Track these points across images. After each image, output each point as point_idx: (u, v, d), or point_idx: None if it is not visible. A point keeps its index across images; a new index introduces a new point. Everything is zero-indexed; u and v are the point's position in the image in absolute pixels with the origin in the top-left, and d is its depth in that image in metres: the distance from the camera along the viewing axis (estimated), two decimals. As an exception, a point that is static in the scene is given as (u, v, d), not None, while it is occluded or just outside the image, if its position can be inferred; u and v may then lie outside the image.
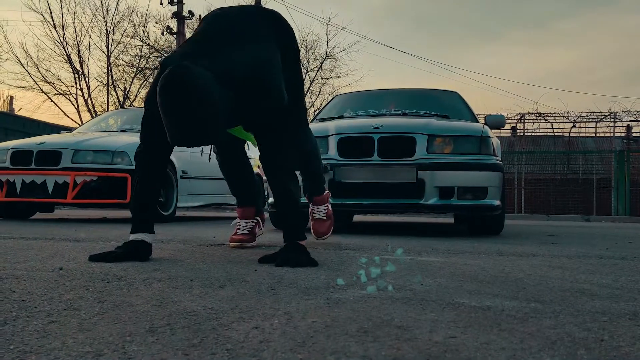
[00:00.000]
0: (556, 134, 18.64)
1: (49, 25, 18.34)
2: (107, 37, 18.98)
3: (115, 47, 19.13)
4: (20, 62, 18.36)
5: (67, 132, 6.70)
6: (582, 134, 19.26)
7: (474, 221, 4.32)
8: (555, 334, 0.96)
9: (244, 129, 2.13)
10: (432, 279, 1.64)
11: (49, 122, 14.72)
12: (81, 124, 18.91)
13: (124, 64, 19.65)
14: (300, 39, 23.07)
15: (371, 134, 3.82)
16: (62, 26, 18.41)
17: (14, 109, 34.57)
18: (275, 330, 0.95)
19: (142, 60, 19.66)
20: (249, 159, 2.82)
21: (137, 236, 2.04)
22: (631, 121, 16.74)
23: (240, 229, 2.66)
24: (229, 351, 0.82)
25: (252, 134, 2.16)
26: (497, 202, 3.78)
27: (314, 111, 21.67)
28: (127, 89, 19.58)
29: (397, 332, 0.95)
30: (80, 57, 18.72)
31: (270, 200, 4.18)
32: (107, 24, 18.98)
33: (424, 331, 0.96)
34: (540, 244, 3.23)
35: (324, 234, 2.88)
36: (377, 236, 3.66)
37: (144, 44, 19.66)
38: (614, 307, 1.24)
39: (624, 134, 18.56)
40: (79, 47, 18.72)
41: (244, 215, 2.70)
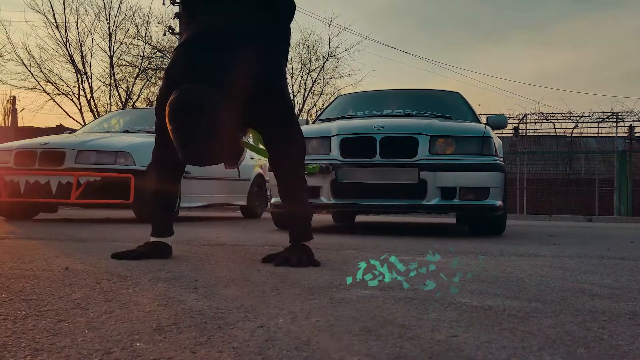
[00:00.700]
0: (558, 134, 18.63)
1: (52, 25, 18.39)
2: (110, 37, 19.03)
3: (117, 48, 19.18)
4: (23, 62, 18.41)
5: (70, 132, 6.72)
6: (584, 134, 19.26)
7: (476, 221, 4.34)
8: (555, 333, 0.97)
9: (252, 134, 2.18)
10: (435, 278, 1.65)
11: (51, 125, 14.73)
12: (84, 124, 19.00)
13: (126, 64, 19.69)
14: (302, 40, 23.08)
15: (373, 134, 3.83)
16: (65, 26, 18.45)
17: (17, 109, 34.67)
18: (280, 329, 0.97)
19: (144, 60, 19.71)
20: (251, 159, 2.84)
21: (157, 238, 2.12)
22: (633, 121, 16.73)
23: None
24: (235, 349, 0.84)
25: (260, 139, 2.20)
26: (499, 203, 3.79)
27: (316, 111, 21.68)
28: (130, 89, 19.63)
29: (399, 331, 0.97)
30: (82, 57, 18.76)
31: (272, 200, 4.19)
32: (110, 25, 19.03)
33: (426, 330, 0.98)
34: (541, 245, 3.24)
35: None
36: (378, 236, 3.68)
37: (146, 44, 19.71)
38: (614, 306, 1.26)
39: (626, 134, 18.54)
40: (81, 47, 18.77)
41: None
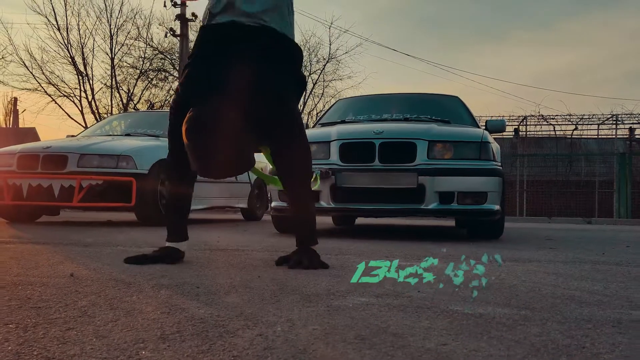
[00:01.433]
0: (558, 135, 18.66)
1: (53, 27, 18.46)
2: (111, 39, 19.09)
3: (119, 50, 19.24)
4: (24, 64, 18.46)
5: (72, 136, 6.77)
6: (584, 136, 19.29)
7: (474, 225, 4.38)
8: (540, 341, 1.02)
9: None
10: (429, 286, 1.70)
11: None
12: (85, 125, 19.07)
13: (128, 65, 19.76)
14: (303, 42, 23.15)
15: (372, 139, 3.88)
16: (67, 28, 18.51)
17: (18, 110, 34.74)
18: (278, 337, 1.02)
19: (145, 62, 19.77)
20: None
21: (171, 244, 2.23)
22: (633, 124, 16.76)
23: None
24: (235, 358, 0.89)
25: (267, 147, 2.28)
26: (497, 207, 3.83)
27: (317, 113, 21.74)
28: (131, 91, 19.69)
29: (392, 340, 1.02)
30: (84, 59, 18.82)
31: (273, 204, 4.23)
32: (111, 27, 19.09)
33: (417, 338, 1.03)
34: (538, 249, 3.29)
35: None
36: (377, 240, 3.72)
37: (148, 46, 19.78)
38: (600, 314, 1.30)
39: (626, 136, 18.57)
40: (82, 49, 18.84)
41: None
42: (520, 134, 18.76)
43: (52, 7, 18.65)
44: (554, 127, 17.25)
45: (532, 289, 1.68)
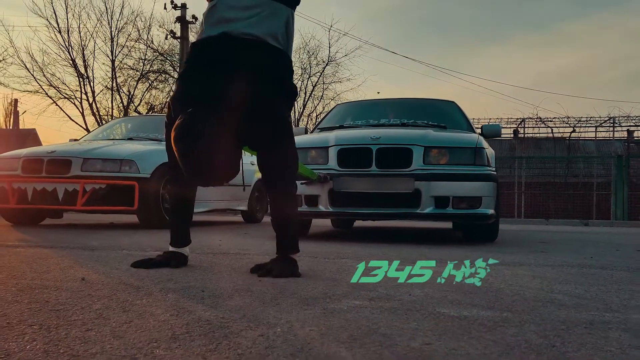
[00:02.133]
0: (557, 137, 18.77)
1: (54, 30, 18.58)
2: (112, 41, 19.21)
3: (119, 52, 19.36)
4: (25, 66, 18.58)
5: (75, 140, 6.88)
6: (582, 138, 19.41)
7: (470, 229, 4.49)
8: (515, 341, 1.13)
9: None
10: (420, 289, 1.81)
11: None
12: (86, 126, 19.18)
13: (128, 67, 19.87)
14: (303, 44, 23.23)
15: (370, 145, 3.98)
16: (68, 31, 18.64)
17: (19, 111, 34.82)
18: (278, 337, 1.12)
19: (146, 63, 19.88)
20: (252, 165, 2.95)
21: (175, 249, 2.33)
22: (630, 126, 16.88)
23: None
24: (240, 355, 0.99)
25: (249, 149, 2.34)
26: (491, 211, 3.93)
27: (316, 115, 21.86)
28: (132, 93, 19.81)
29: (381, 340, 1.12)
30: (85, 61, 18.94)
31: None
32: (112, 29, 19.22)
33: (404, 339, 1.14)
34: (529, 252, 3.39)
35: None
36: (375, 244, 3.83)
37: (148, 48, 19.90)
38: (576, 316, 1.41)
39: (624, 137, 18.67)
40: (83, 51, 18.96)
41: None
42: (519, 134, 18.88)
43: (54, 9, 18.77)
44: (552, 130, 17.38)
45: (517, 293, 1.79)
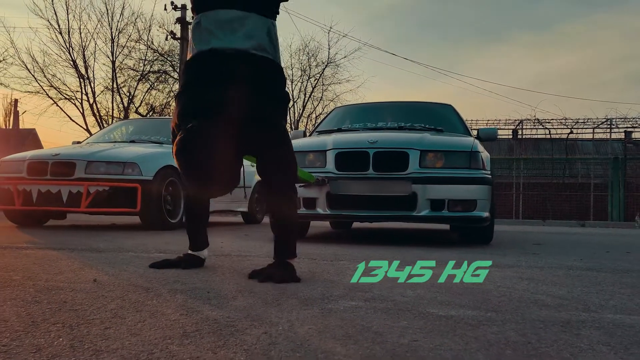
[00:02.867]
0: (555, 137, 18.88)
1: (55, 31, 18.69)
2: (112, 42, 19.32)
3: (120, 52, 19.47)
4: (26, 67, 18.70)
5: (77, 142, 6.99)
6: (580, 138, 19.53)
7: (465, 231, 4.60)
8: (495, 338, 1.24)
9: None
10: (413, 290, 1.92)
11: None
12: (86, 127, 19.29)
13: (128, 68, 19.98)
14: (302, 46, 23.26)
15: (367, 149, 4.09)
16: (68, 32, 18.76)
17: (19, 111, 34.90)
18: (280, 334, 1.24)
19: (146, 64, 19.99)
20: (252, 166, 3.01)
21: (193, 252, 2.45)
22: (627, 128, 17.01)
23: None
24: (246, 351, 1.10)
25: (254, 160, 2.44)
26: (486, 214, 4.04)
27: (316, 116, 21.98)
28: (132, 94, 19.91)
29: (373, 337, 1.24)
30: (85, 62, 19.06)
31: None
32: (112, 30, 19.33)
33: (394, 336, 1.25)
34: (521, 254, 3.51)
35: None
36: (372, 246, 3.94)
37: (149, 49, 20.01)
38: (555, 315, 1.52)
39: (622, 138, 18.78)
40: (84, 52, 19.07)
41: None
42: (518, 135, 19.00)
43: (54, 11, 18.87)
44: (550, 131, 17.51)
45: (504, 294, 1.90)
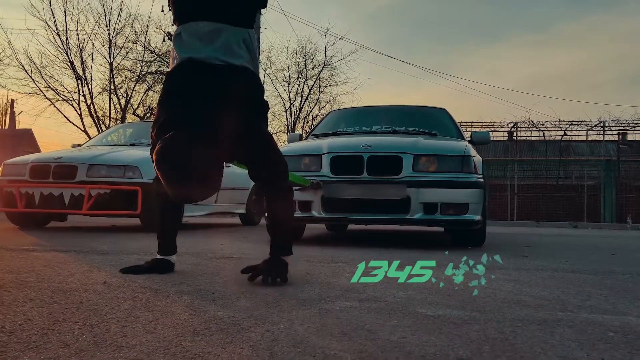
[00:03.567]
0: (549, 139, 19.07)
1: (53, 32, 18.76)
2: (110, 44, 19.41)
3: (117, 54, 19.55)
4: (24, 68, 18.76)
5: (77, 145, 7.09)
6: (574, 140, 19.73)
7: (458, 233, 4.73)
8: (476, 335, 1.37)
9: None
10: (404, 291, 2.05)
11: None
12: (83, 128, 19.37)
13: (125, 69, 20.07)
14: (299, 48, 23.39)
15: (361, 153, 4.20)
16: (66, 33, 18.83)
17: (15, 112, 34.85)
18: (281, 332, 1.36)
19: (143, 65, 20.08)
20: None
21: (162, 256, 2.48)
22: (620, 130, 17.22)
23: None
24: (252, 347, 1.23)
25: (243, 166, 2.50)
26: (478, 217, 4.15)
27: (312, 118, 22.10)
28: (129, 95, 20.00)
29: (366, 334, 1.36)
30: (82, 63, 19.14)
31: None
32: (110, 31, 19.41)
33: (385, 333, 1.38)
34: (511, 257, 3.64)
35: None
36: (368, 248, 4.07)
37: (146, 50, 20.09)
38: (533, 315, 1.65)
39: (615, 140, 18.99)
40: (81, 53, 19.15)
41: None
42: (513, 137, 19.18)
43: (52, 12, 18.96)
44: (544, 133, 17.70)
45: (489, 295, 2.03)
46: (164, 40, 19.49)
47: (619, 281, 2.55)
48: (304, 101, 22.39)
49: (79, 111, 19.37)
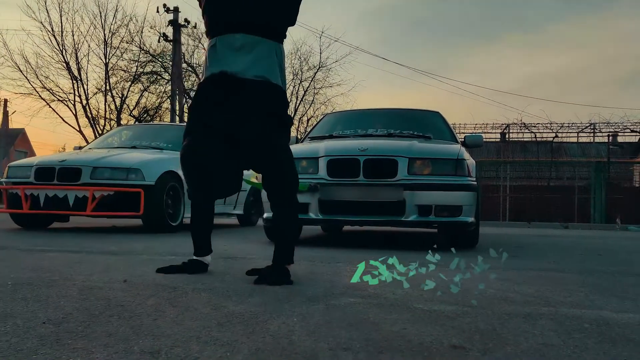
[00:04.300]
0: (542, 140, 19.33)
1: (48, 32, 18.83)
2: (105, 44, 19.49)
3: (112, 54, 19.64)
4: (19, 68, 18.81)
5: (79, 148, 7.23)
6: (565, 142, 20.01)
7: (451, 235, 4.90)
8: (468, 327, 1.55)
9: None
10: (402, 289, 2.23)
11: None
12: (79, 128, 19.45)
13: (119, 68, 20.15)
14: (294, 50, 23.58)
15: (357, 156, 4.35)
16: (61, 34, 18.91)
17: (8, 111, 34.74)
18: (295, 324, 1.54)
19: (138, 66, 20.17)
20: (247, 171, 3.22)
21: (198, 257, 2.63)
22: (610, 132, 17.50)
23: None
24: (272, 336, 1.40)
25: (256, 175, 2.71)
26: (471, 219, 4.32)
27: (307, 119, 22.28)
28: (125, 95, 20.09)
29: (370, 326, 1.54)
30: (78, 63, 19.21)
31: (264, 215, 4.67)
32: (105, 32, 19.50)
33: (387, 325, 1.55)
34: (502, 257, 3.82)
35: None
36: (366, 249, 4.25)
37: (141, 50, 20.19)
38: (519, 309, 1.84)
39: (605, 142, 19.28)
40: (77, 54, 19.23)
41: None
42: (506, 139, 19.43)
43: (47, 13, 19.02)
44: (535, 135, 17.96)
45: (481, 292, 2.21)
46: (159, 41, 19.61)
47: (600, 280, 2.74)
48: (299, 103, 22.57)
49: (74, 111, 19.46)
